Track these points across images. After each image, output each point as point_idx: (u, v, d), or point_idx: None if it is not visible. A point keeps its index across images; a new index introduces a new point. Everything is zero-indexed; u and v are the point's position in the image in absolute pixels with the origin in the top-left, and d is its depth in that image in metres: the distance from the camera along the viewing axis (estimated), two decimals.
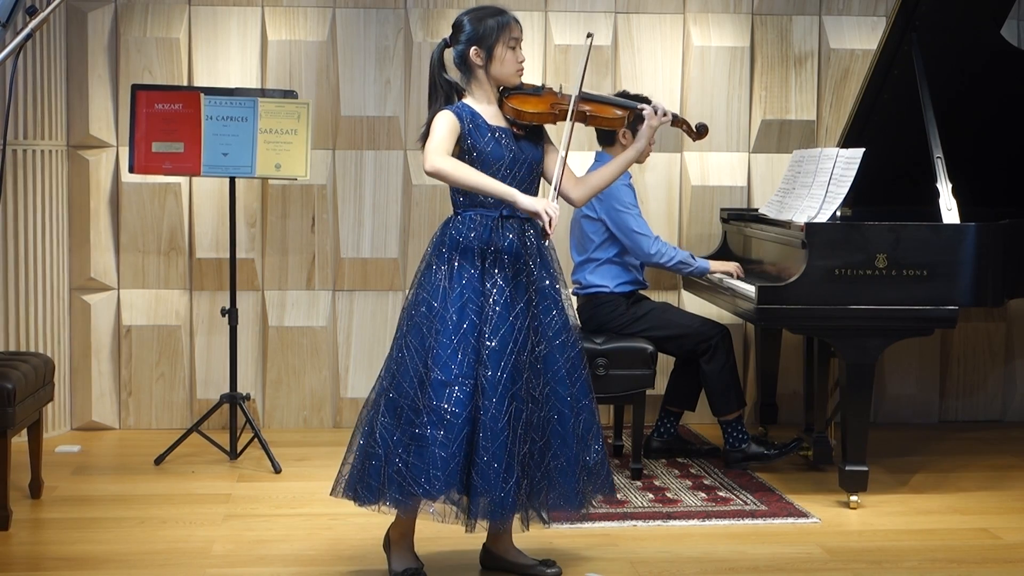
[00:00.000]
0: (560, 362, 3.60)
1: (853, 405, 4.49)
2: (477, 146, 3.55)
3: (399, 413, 3.50)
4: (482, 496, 3.45)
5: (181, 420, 5.71)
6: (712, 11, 5.92)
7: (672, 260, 4.97)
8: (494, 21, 3.57)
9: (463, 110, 3.58)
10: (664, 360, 5.11)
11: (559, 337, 3.62)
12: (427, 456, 3.43)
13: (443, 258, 3.57)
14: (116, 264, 5.71)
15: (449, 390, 3.46)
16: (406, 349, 3.54)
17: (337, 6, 5.74)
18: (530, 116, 3.61)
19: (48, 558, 3.97)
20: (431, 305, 3.53)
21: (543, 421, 3.56)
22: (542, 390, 3.56)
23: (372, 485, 3.51)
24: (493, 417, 3.45)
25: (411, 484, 3.44)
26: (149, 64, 5.64)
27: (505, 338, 3.49)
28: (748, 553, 4.02)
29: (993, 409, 6.18)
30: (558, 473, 3.57)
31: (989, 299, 4.50)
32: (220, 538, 4.12)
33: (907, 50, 4.88)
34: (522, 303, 3.55)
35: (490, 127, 3.58)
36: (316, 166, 5.67)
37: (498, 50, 3.57)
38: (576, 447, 3.60)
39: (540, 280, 3.61)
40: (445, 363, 3.47)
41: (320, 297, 5.80)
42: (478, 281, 3.54)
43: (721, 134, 5.93)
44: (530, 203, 3.48)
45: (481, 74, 3.60)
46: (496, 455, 3.44)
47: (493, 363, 3.47)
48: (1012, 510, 4.56)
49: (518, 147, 3.61)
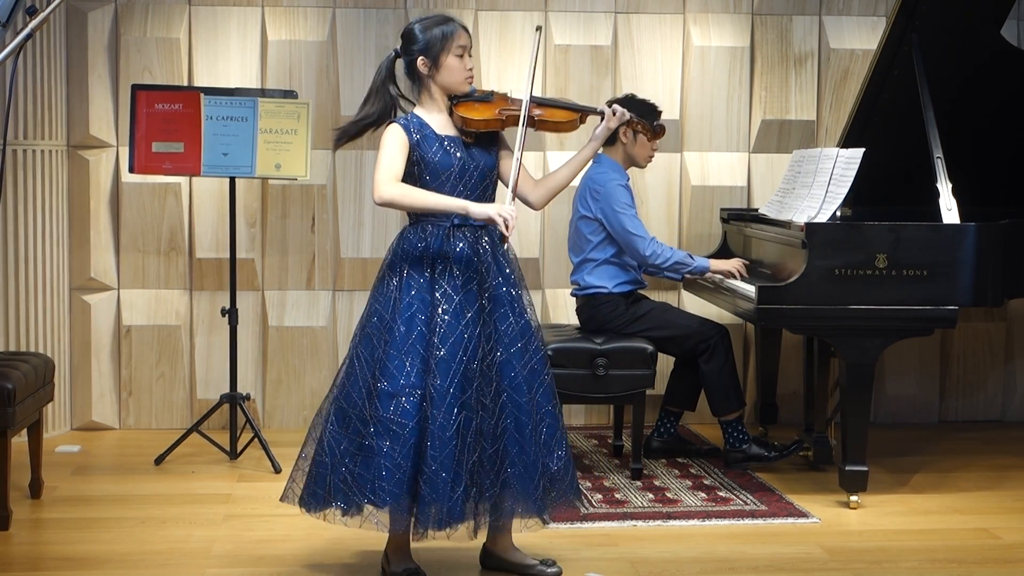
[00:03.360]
0: (517, 368, 3.58)
1: (853, 405, 4.49)
2: (425, 157, 3.55)
3: (347, 423, 3.52)
4: (430, 505, 3.44)
5: (181, 420, 5.71)
6: (712, 11, 5.92)
7: (668, 261, 4.96)
8: (439, 30, 3.58)
9: (411, 121, 3.59)
10: (664, 360, 5.11)
11: (516, 343, 3.59)
12: (373, 466, 3.45)
13: (395, 269, 3.58)
14: (116, 264, 5.71)
15: (396, 401, 3.46)
16: (357, 360, 3.56)
17: (337, 6, 5.74)
18: (476, 124, 3.61)
19: (48, 558, 3.97)
20: (382, 316, 3.55)
21: (496, 429, 3.53)
22: (495, 398, 3.54)
23: (318, 493, 3.53)
24: (441, 426, 3.45)
25: (356, 494, 3.46)
26: (149, 64, 5.64)
27: (454, 347, 3.49)
28: (748, 553, 4.02)
29: (993, 409, 6.18)
30: (516, 480, 3.55)
31: (989, 299, 4.50)
32: (220, 538, 4.13)
33: (907, 50, 4.88)
34: (472, 312, 3.54)
35: (438, 136, 3.58)
36: (316, 166, 5.67)
37: (444, 59, 3.57)
38: (535, 453, 3.58)
39: (496, 287, 3.59)
40: (392, 374, 3.48)
41: (320, 297, 5.80)
42: (427, 291, 3.54)
43: (721, 134, 5.93)
44: (481, 210, 3.49)
45: (429, 83, 3.62)
46: (444, 464, 3.44)
47: (442, 372, 3.47)
48: (1012, 510, 4.56)
49: (468, 155, 3.61)
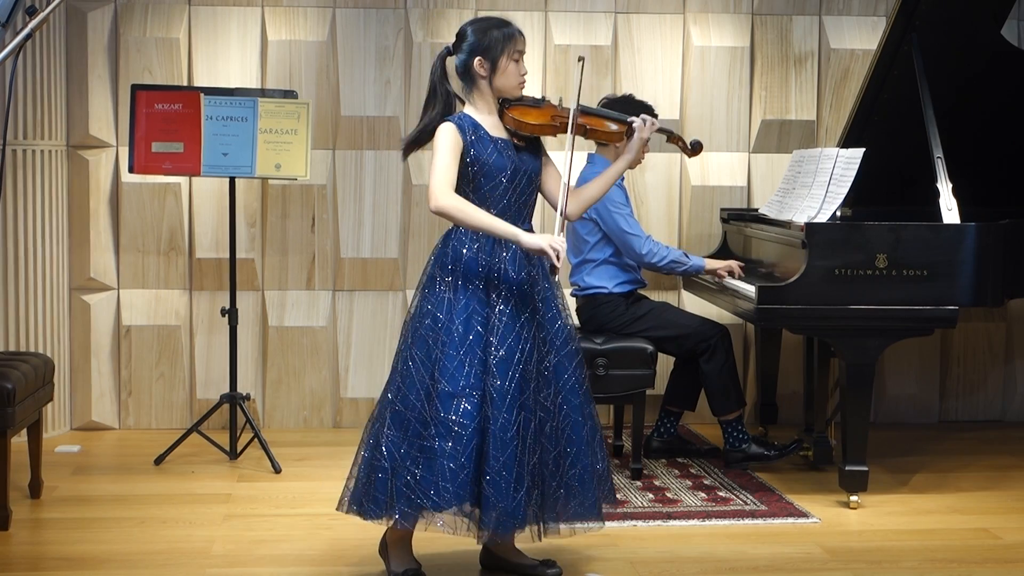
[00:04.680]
0: (569, 371, 3.61)
1: (853, 405, 4.49)
2: (480, 157, 3.54)
3: (406, 426, 3.49)
4: (493, 507, 3.44)
5: (181, 420, 5.71)
6: (712, 11, 5.92)
7: (664, 260, 4.96)
8: (499, 32, 3.56)
9: (465, 121, 3.57)
10: (664, 360, 5.11)
11: (567, 346, 3.62)
12: (436, 468, 3.43)
13: (447, 271, 3.56)
14: (116, 264, 5.71)
15: (457, 402, 3.45)
16: (411, 362, 3.52)
17: (337, 6, 5.74)
18: (531, 128, 3.61)
19: (48, 558, 3.97)
20: (436, 317, 3.52)
21: (557, 431, 3.55)
22: (554, 400, 3.56)
23: (379, 499, 3.50)
24: (502, 427, 3.44)
25: (420, 497, 3.44)
26: (149, 64, 5.64)
27: (512, 348, 3.49)
28: (748, 553, 4.02)
29: (993, 409, 6.18)
30: (578, 482, 3.57)
31: (989, 299, 4.50)
32: (220, 538, 4.13)
33: (907, 50, 4.88)
34: (527, 313, 3.55)
35: (492, 138, 3.57)
36: (316, 166, 5.67)
37: (502, 62, 3.56)
38: (589, 455, 3.61)
39: (545, 290, 3.61)
40: (452, 375, 3.47)
41: (320, 297, 5.80)
42: (483, 293, 3.54)
43: (721, 134, 5.93)
44: (534, 241, 3.47)
45: (484, 85, 3.59)
46: (506, 465, 3.43)
47: (501, 373, 3.47)
48: (1012, 510, 4.56)
49: (519, 158, 3.61)
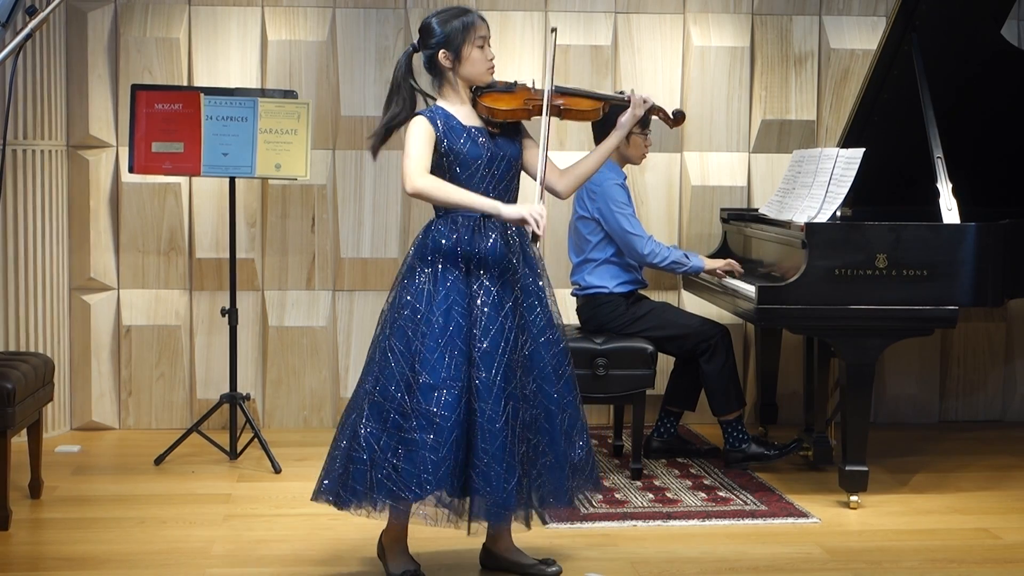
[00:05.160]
0: (546, 359, 3.61)
1: (853, 405, 4.49)
2: (454, 148, 3.55)
3: (385, 417, 3.50)
4: (483, 497, 3.45)
5: (181, 420, 5.71)
6: (712, 11, 5.92)
7: (665, 260, 4.96)
8: (459, 22, 3.56)
9: (436, 113, 3.58)
10: (664, 360, 5.11)
11: (544, 335, 3.62)
12: (417, 460, 3.43)
13: (426, 261, 3.57)
14: (116, 264, 5.71)
15: (438, 393, 3.46)
16: (391, 352, 3.52)
17: (337, 6, 5.74)
18: (504, 114, 3.61)
19: (48, 558, 3.97)
20: (415, 308, 3.52)
21: (533, 419, 3.56)
22: (531, 387, 3.57)
23: (357, 489, 3.50)
24: (490, 418, 3.45)
25: (401, 488, 3.45)
26: (149, 64, 5.64)
27: (496, 339, 3.50)
28: (748, 553, 4.01)
29: (993, 409, 6.18)
30: (547, 470, 3.59)
31: (989, 299, 4.50)
32: (220, 538, 4.13)
33: (907, 50, 4.88)
34: (510, 302, 3.55)
35: (465, 127, 3.58)
36: (316, 166, 5.67)
37: (465, 50, 3.56)
38: (563, 444, 3.61)
39: (524, 278, 3.62)
40: (433, 367, 3.47)
41: (320, 297, 5.80)
42: (463, 283, 3.54)
43: (721, 134, 5.93)
44: (514, 211, 3.48)
45: (451, 76, 3.60)
46: (496, 456, 3.44)
47: (486, 365, 3.47)
48: (1012, 510, 4.56)
49: (495, 145, 3.61)
